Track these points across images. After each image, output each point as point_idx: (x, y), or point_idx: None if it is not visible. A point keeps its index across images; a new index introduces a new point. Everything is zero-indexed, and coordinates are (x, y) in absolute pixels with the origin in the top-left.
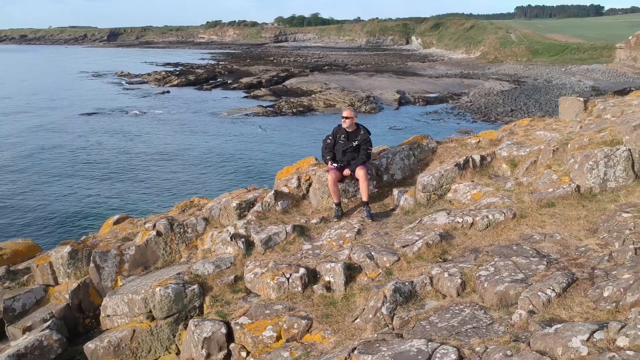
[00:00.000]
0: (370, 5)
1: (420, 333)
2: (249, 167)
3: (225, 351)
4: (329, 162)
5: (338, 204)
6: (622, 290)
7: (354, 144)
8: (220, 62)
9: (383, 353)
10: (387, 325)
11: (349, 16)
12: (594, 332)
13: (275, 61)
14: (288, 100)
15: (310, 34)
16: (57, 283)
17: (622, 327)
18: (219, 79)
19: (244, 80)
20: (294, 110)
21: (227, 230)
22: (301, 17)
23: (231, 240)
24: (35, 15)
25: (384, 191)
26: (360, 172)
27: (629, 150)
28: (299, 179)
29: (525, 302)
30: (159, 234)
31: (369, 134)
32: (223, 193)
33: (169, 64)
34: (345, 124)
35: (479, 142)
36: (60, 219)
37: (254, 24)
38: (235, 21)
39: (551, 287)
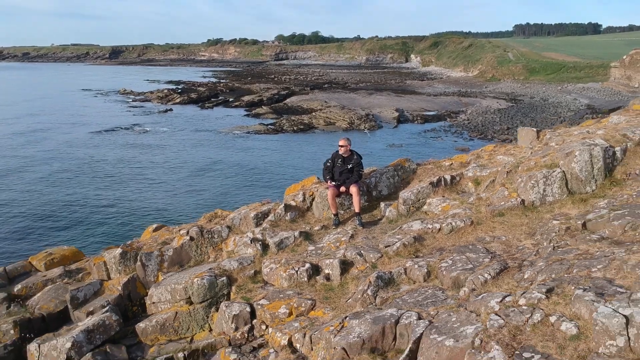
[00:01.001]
0: (370, 24)
1: (394, 306)
2: (257, 182)
3: (250, 325)
4: (329, 181)
5: (336, 215)
6: (535, 273)
7: (349, 166)
8: (222, 80)
9: (366, 318)
10: (372, 303)
11: (348, 34)
12: (505, 297)
13: (275, 79)
14: (289, 118)
15: (311, 52)
16: (109, 278)
17: (523, 293)
18: (220, 97)
19: (246, 98)
20: (295, 128)
21: (247, 235)
22: (301, 35)
23: (251, 243)
24: (38, 33)
25: (373, 204)
26: (353, 189)
27: (563, 172)
28: (304, 194)
29: (469, 283)
30: (191, 239)
31: (361, 158)
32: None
33: (171, 81)
34: (341, 151)
35: (451, 164)
36: (96, 229)
37: (255, 42)
38: (236, 39)
39: (488, 272)
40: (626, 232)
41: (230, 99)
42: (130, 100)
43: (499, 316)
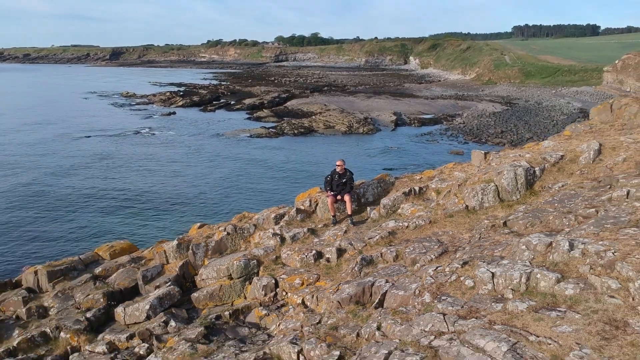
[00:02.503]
0: (369, 26)
1: (372, 276)
2: (265, 185)
3: (274, 292)
4: (328, 191)
5: (334, 216)
6: (462, 253)
7: (343, 180)
8: (223, 83)
9: (353, 283)
10: (358, 275)
11: (348, 35)
12: (438, 267)
13: (276, 81)
14: (289, 121)
15: (310, 54)
16: (168, 262)
17: (449, 264)
18: (222, 100)
19: (247, 101)
20: (295, 131)
21: (269, 231)
22: (301, 36)
23: (272, 236)
24: (38, 34)
25: (361, 208)
26: (346, 197)
27: (496, 185)
28: (310, 200)
29: (421, 261)
30: (228, 233)
31: (352, 174)
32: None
33: (172, 84)
34: (338, 169)
35: (421, 178)
36: (139, 228)
37: (255, 43)
38: (236, 40)
39: (434, 254)
40: (527, 228)
41: (232, 102)
42: (134, 103)
43: (432, 278)
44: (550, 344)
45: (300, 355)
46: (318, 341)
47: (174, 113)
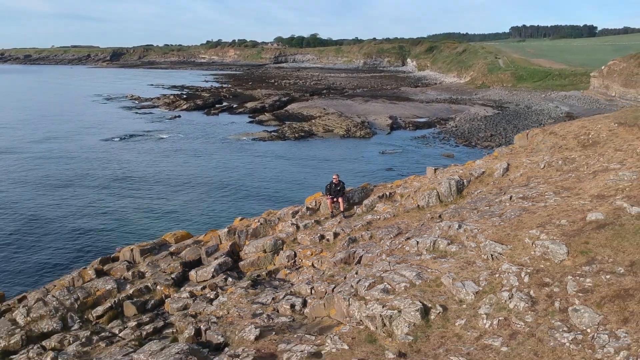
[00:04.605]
0: (368, 26)
1: (355, 248)
2: (281, 186)
3: (294, 260)
4: (327, 195)
5: (331, 212)
6: (409, 234)
7: (338, 188)
8: (224, 85)
9: (343, 252)
10: (346, 248)
11: (347, 35)
12: (392, 241)
13: (276, 84)
14: (290, 125)
15: (310, 55)
16: (221, 242)
17: (399, 240)
18: (224, 103)
19: (249, 104)
20: (296, 135)
21: (288, 222)
22: (300, 37)
23: (291, 225)
24: (38, 34)
25: (350, 207)
26: (340, 199)
27: (437, 191)
28: (315, 201)
29: (383, 239)
30: (260, 224)
31: (344, 183)
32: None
33: (174, 86)
34: (334, 180)
35: (391, 186)
36: (189, 221)
37: (254, 44)
38: (235, 41)
39: (392, 234)
40: (450, 218)
41: (234, 105)
42: (139, 106)
43: (388, 246)
44: (436, 272)
45: (312, 290)
46: (322, 282)
47: (179, 116)
